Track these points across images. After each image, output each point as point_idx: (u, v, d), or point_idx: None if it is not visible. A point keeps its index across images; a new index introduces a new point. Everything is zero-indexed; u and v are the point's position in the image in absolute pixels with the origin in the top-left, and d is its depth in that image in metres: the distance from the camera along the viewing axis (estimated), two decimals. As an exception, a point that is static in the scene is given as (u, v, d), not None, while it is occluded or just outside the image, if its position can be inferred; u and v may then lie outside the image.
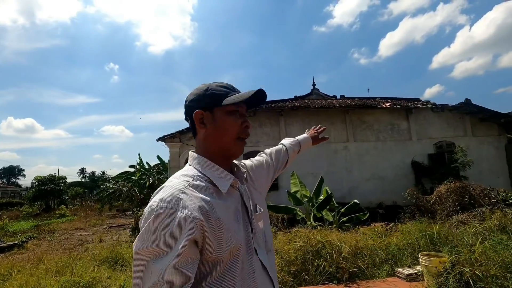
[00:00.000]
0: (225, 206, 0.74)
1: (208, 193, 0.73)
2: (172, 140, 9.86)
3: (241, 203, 0.81)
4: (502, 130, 10.86)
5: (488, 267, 2.64)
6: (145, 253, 0.63)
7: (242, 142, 0.84)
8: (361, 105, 10.47)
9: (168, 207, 0.66)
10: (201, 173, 0.79)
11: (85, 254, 5.57)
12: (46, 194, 19.09)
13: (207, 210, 0.69)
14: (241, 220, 0.77)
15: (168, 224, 0.64)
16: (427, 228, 3.96)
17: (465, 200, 6.96)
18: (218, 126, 0.82)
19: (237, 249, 0.71)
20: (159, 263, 0.61)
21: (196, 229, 0.65)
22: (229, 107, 0.82)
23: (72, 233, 10.75)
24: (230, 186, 0.79)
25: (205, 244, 0.67)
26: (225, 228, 0.69)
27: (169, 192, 0.69)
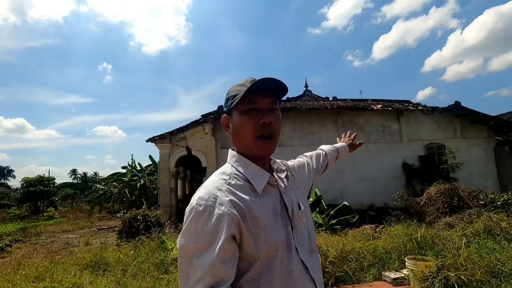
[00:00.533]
0: (262, 204, 0.74)
1: (244, 192, 0.74)
2: (162, 141, 9.72)
3: (280, 200, 0.80)
4: (491, 132, 10.99)
5: (473, 271, 2.61)
6: (188, 249, 0.67)
7: (264, 141, 0.78)
8: (353, 106, 10.49)
9: (206, 205, 0.68)
10: (238, 171, 0.79)
11: (68, 258, 5.41)
12: (34, 196, 18.70)
13: (243, 208, 0.70)
14: (280, 218, 0.76)
15: (207, 221, 0.67)
16: (413, 231, 3.93)
17: (454, 202, 6.99)
18: (235, 128, 0.81)
19: (275, 247, 0.70)
20: (202, 258, 0.64)
21: (233, 225, 0.66)
22: (242, 107, 0.79)
23: (59, 236, 10.50)
24: (268, 184, 0.79)
25: (242, 241, 0.68)
26: (261, 226, 0.70)
27: (207, 190, 0.72)
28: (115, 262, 4.81)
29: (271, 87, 0.79)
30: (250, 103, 0.78)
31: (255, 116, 0.78)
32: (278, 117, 0.82)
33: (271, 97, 0.80)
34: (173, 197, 9.86)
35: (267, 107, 0.79)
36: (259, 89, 0.77)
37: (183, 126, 9.72)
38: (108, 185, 17.65)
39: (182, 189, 13.93)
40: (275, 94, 0.81)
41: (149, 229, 6.31)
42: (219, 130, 10.05)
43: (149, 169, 17.70)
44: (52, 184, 20.26)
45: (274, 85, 0.79)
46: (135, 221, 6.79)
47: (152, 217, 6.84)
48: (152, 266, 4.46)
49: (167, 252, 5.04)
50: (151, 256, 4.83)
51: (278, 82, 0.79)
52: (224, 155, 9.93)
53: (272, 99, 0.80)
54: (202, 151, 9.72)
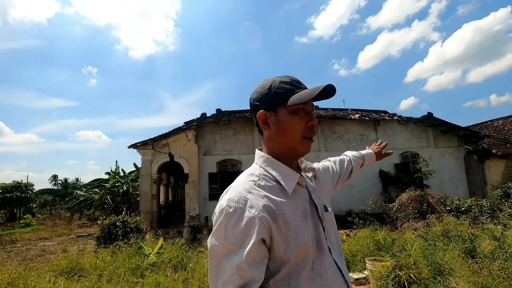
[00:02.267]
0: (292, 205, 0.74)
1: (274, 193, 0.74)
2: (144, 147, 9.76)
3: (310, 201, 0.80)
4: (461, 142, 11.64)
5: (420, 270, 2.87)
6: (218, 250, 0.68)
7: (309, 141, 0.81)
8: (332, 116, 10.88)
9: (237, 207, 0.69)
10: (267, 172, 0.79)
11: (43, 265, 5.37)
12: (10, 202, 18.05)
13: (274, 210, 0.70)
14: (310, 219, 0.76)
15: (237, 223, 0.67)
16: (375, 235, 4.21)
17: (423, 208, 7.39)
18: (282, 126, 0.80)
19: (306, 248, 0.71)
20: (232, 260, 0.65)
21: (264, 229, 0.66)
22: (293, 106, 0.79)
23: (36, 244, 10.24)
24: (297, 184, 0.79)
25: (272, 243, 0.68)
26: (292, 228, 0.70)
27: (237, 192, 0.72)
28: (91, 268, 4.83)
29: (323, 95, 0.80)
30: (301, 104, 0.79)
31: (304, 117, 0.79)
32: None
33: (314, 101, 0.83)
34: (155, 203, 9.86)
35: (311, 110, 0.83)
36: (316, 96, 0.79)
37: (166, 133, 9.80)
38: (89, 192, 17.30)
39: (165, 195, 13.89)
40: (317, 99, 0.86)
41: (128, 235, 6.34)
42: (202, 137, 10.19)
43: (133, 175, 17.51)
44: (30, 191, 19.61)
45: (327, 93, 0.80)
46: (114, 227, 6.78)
47: (131, 223, 6.86)
48: (128, 271, 4.52)
49: (144, 257, 5.11)
50: (128, 262, 4.89)
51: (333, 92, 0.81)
52: (206, 162, 10.06)
53: (314, 103, 0.84)
54: (185, 158, 9.81)
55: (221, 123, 10.20)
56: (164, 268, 4.52)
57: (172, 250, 5.38)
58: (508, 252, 2.74)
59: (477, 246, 2.93)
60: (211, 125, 10.24)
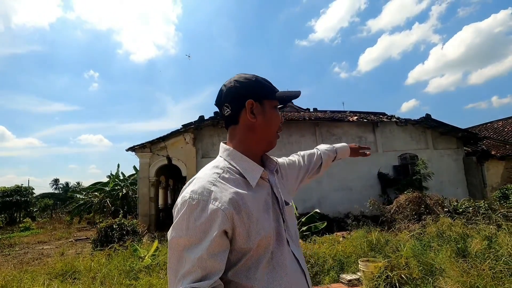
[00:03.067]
0: (255, 197, 0.75)
1: (238, 185, 0.75)
2: (142, 150, 9.78)
3: (271, 194, 0.82)
4: (460, 144, 11.60)
5: (411, 270, 2.86)
6: (179, 242, 0.67)
7: (278, 137, 0.89)
8: (330, 118, 10.89)
9: (200, 199, 0.68)
10: (231, 165, 0.79)
11: (38, 268, 5.37)
12: (10, 206, 18.09)
13: (237, 202, 0.70)
14: (271, 211, 0.78)
15: (200, 215, 0.67)
16: (369, 236, 4.19)
17: (421, 209, 7.36)
18: (268, 118, 0.83)
19: (267, 239, 0.72)
20: (192, 252, 0.64)
21: (227, 221, 0.67)
22: (275, 102, 0.87)
23: (34, 247, 10.24)
24: (260, 177, 0.80)
25: (234, 235, 0.69)
26: (254, 219, 0.71)
27: (200, 184, 0.72)
28: (86, 270, 4.83)
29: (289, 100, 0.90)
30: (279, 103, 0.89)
31: (279, 115, 0.88)
32: None
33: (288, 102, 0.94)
34: (152, 206, 9.85)
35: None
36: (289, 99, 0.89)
37: (164, 136, 9.83)
38: (89, 195, 17.33)
39: (163, 198, 13.88)
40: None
41: (124, 238, 6.33)
42: (200, 139, 10.21)
43: (132, 179, 17.54)
44: (30, 194, 19.65)
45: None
46: (111, 230, 6.79)
47: (128, 226, 6.86)
48: (122, 273, 4.52)
49: (139, 260, 5.10)
50: (123, 264, 4.89)
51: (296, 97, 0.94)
52: (204, 164, 10.01)
53: None
54: (183, 161, 9.83)
55: (219, 126, 10.22)
56: (158, 271, 4.51)
57: (167, 252, 5.36)
58: (499, 252, 2.73)
59: (468, 246, 2.92)
60: (209, 128, 10.27)
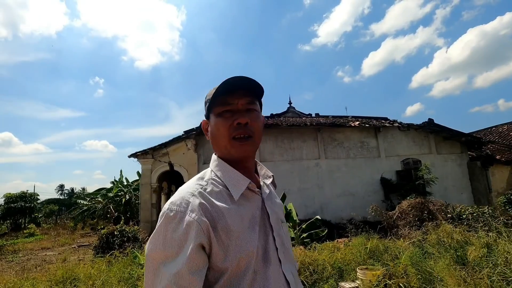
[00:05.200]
0: (238, 211, 0.69)
1: (220, 198, 0.70)
2: (144, 156, 9.85)
3: (262, 208, 0.75)
4: (464, 148, 11.48)
5: (410, 278, 2.82)
6: (156, 256, 0.64)
7: (239, 142, 0.74)
8: (331, 123, 10.87)
9: (178, 210, 0.65)
10: (217, 176, 0.75)
11: (39, 275, 5.40)
12: (15, 212, 18.27)
13: (214, 216, 0.66)
14: (257, 228, 0.71)
15: (177, 227, 0.64)
16: (367, 243, 4.15)
17: (424, 216, 7.27)
18: (212, 131, 0.78)
19: (247, 259, 0.66)
20: (169, 267, 0.61)
21: (202, 234, 0.63)
22: (217, 109, 0.76)
23: (37, 253, 10.31)
24: (248, 190, 0.74)
25: (211, 252, 0.64)
26: (234, 236, 0.66)
27: (180, 196, 0.69)
28: (85, 277, 4.84)
29: (247, 87, 0.75)
30: (225, 105, 0.75)
31: (230, 117, 0.74)
32: (257, 118, 0.77)
33: (248, 97, 0.76)
34: (154, 213, 9.88)
35: (244, 108, 0.76)
36: (234, 90, 0.74)
37: (165, 142, 9.90)
38: (93, 201, 17.44)
39: (166, 204, 13.90)
40: (253, 94, 0.77)
41: (125, 245, 6.35)
42: (202, 145, 10.26)
43: (135, 184, 17.64)
44: (35, 200, 19.84)
45: (248, 84, 0.75)
46: (112, 236, 6.81)
47: (129, 232, 6.88)
48: (122, 280, 4.52)
49: (139, 267, 5.10)
50: (123, 271, 4.89)
51: (249, 81, 0.74)
52: (206, 170, 10.09)
53: (249, 99, 0.76)
54: (184, 167, 9.87)
55: (221, 132, 10.25)
56: (157, 278, 4.50)
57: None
58: (499, 260, 2.68)
59: (467, 254, 2.88)
60: (211, 134, 10.30)
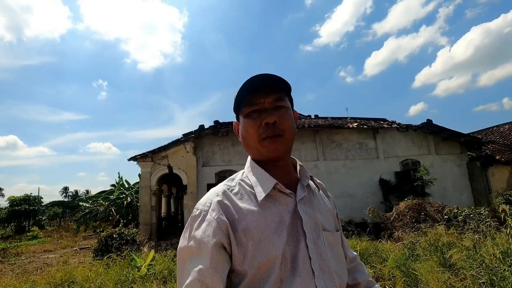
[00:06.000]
0: (262, 213, 0.67)
1: (246, 200, 0.70)
2: (144, 159, 9.95)
3: (293, 211, 0.70)
4: (463, 149, 11.44)
5: (396, 281, 2.86)
6: (183, 252, 0.67)
7: (270, 141, 0.71)
8: (329, 125, 10.90)
9: (202, 209, 0.68)
10: (247, 177, 0.75)
11: (39, 277, 5.50)
12: (19, 215, 18.47)
13: (235, 216, 0.66)
14: (285, 233, 0.66)
15: (199, 225, 0.66)
16: (356, 245, 4.19)
17: (421, 217, 7.28)
18: (242, 133, 0.77)
19: (269, 264, 0.63)
20: (193, 264, 0.63)
21: (221, 232, 0.64)
22: (245, 110, 0.74)
23: (40, 256, 10.43)
24: (278, 191, 0.71)
25: (232, 252, 0.64)
26: (254, 239, 0.64)
27: (207, 196, 0.72)
28: (83, 280, 4.93)
29: (272, 84, 0.72)
30: (251, 105, 0.73)
31: (257, 117, 0.72)
32: (286, 115, 0.74)
33: (275, 94, 0.73)
34: (154, 215, 9.97)
35: (271, 106, 0.73)
36: (258, 88, 0.72)
37: (165, 145, 10.00)
38: (95, 204, 17.61)
39: (166, 207, 14.01)
40: (280, 91, 0.74)
41: (122, 248, 6.43)
42: (200, 148, 10.34)
43: (137, 187, 17.78)
44: (39, 203, 20.05)
45: (273, 81, 0.72)
46: (111, 239, 6.90)
47: (128, 235, 6.97)
48: (119, 283, 4.60)
49: (135, 270, 5.18)
50: (119, 274, 4.97)
51: (274, 78, 0.72)
52: (205, 173, 10.17)
53: (276, 96, 0.73)
54: (183, 169, 9.95)
55: (219, 134, 10.34)
56: (152, 281, 4.57)
57: (164, 262, 5.44)
58: (485, 261, 2.71)
59: (453, 256, 2.90)
60: (210, 137, 10.39)
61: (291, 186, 0.74)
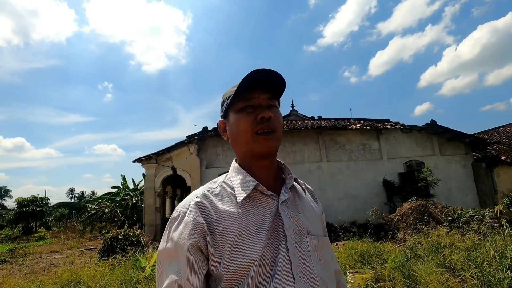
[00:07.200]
0: (242, 216, 0.66)
1: (226, 202, 0.69)
2: (148, 161, 10.07)
3: (274, 213, 0.68)
4: (468, 149, 11.35)
5: (396, 282, 2.89)
6: (162, 254, 0.67)
7: (263, 136, 0.70)
8: (332, 126, 10.91)
9: (180, 211, 0.68)
10: (229, 179, 0.75)
11: (46, 278, 5.61)
12: (27, 216, 18.77)
13: (212, 218, 0.65)
14: (264, 235, 0.64)
15: (177, 227, 0.66)
16: (357, 246, 4.21)
17: (424, 218, 7.25)
18: (231, 129, 0.75)
19: (246, 268, 0.61)
20: (171, 266, 0.64)
21: (197, 234, 0.63)
22: (238, 105, 0.73)
23: (46, 257, 10.60)
24: (259, 193, 0.69)
25: (208, 255, 0.64)
26: (232, 242, 0.63)
27: (188, 198, 0.71)
28: (89, 280, 5.02)
29: (267, 83, 0.72)
30: (246, 100, 0.72)
31: (252, 112, 0.72)
32: (278, 115, 0.75)
33: (269, 93, 0.74)
34: (158, 217, 10.07)
35: (266, 103, 0.73)
36: (254, 86, 0.71)
37: (169, 147, 10.11)
38: (100, 205, 17.81)
39: (171, 208, 14.12)
40: (273, 91, 0.75)
41: (127, 248, 6.52)
42: (204, 150, 10.42)
43: (141, 188, 17.94)
44: (46, 204, 20.35)
45: (271, 79, 0.72)
46: (116, 240, 7.00)
47: (132, 236, 7.06)
48: (124, 283, 4.68)
49: (140, 270, 5.25)
50: (124, 274, 5.05)
51: (274, 74, 0.71)
52: (208, 174, 10.24)
53: (270, 95, 0.74)
54: (187, 171, 10.04)
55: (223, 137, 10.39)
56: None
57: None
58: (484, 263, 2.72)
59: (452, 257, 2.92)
60: (213, 138, 10.47)
61: (275, 188, 0.73)
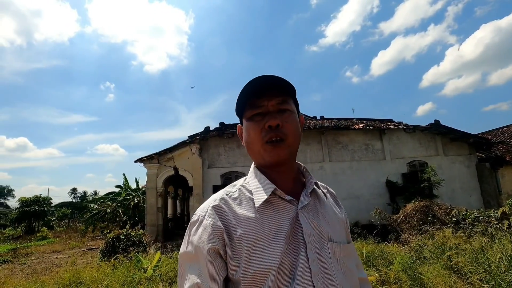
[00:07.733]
0: (259, 220, 0.65)
1: (243, 205, 0.68)
2: (150, 161, 10.05)
3: (294, 219, 0.67)
4: (472, 150, 11.25)
5: (401, 284, 2.83)
6: (182, 257, 0.68)
7: (272, 145, 0.68)
8: (335, 126, 10.84)
9: (199, 215, 0.68)
10: (248, 183, 0.74)
11: (48, 278, 5.60)
12: (29, 216, 18.82)
13: (230, 222, 0.65)
14: (283, 241, 0.63)
15: (196, 231, 0.67)
16: (361, 248, 4.15)
17: (429, 219, 7.18)
18: (245, 136, 0.74)
19: (264, 274, 0.60)
20: (192, 269, 0.64)
21: (216, 238, 0.63)
22: (248, 113, 0.72)
23: (49, 257, 10.61)
24: (278, 197, 0.68)
25: (227, 260, 0.63)
26: (250, 247, 0.62)
27: (207, 201, 0.72)
28: (90, 281, 5.00)
29: (276, 86, 0.70)
30: (254, 108, 0.70)
31: (261, 120, 0.70)
32: (290, 118, 0.71)
33: (279, 97, 0.70)
34: (160, 217, 10.05)
35: (275, 109, 0.70)
36: (262, 91, 0.69)
37: (171, 147, 10.08)
38: (102, 205, 17.82)
39: (173, 208, 14.10)
40: (284, 93, 0.71)
41: (130, 249, 6.50)
42: (206, 150, 10.39)
43: (143, 188, 17.94)
44: (48, 204, 20.39)
45: (278, 83, 0.69)
46: (118, 240, 6.98)
47: (134, 236, 7.04)
48: (125, 284, 4.65)
49: (142, 271, 5.23)
50: (126, 275, 5.02)
51: (278, 80, 0.69)
52: (210, 174, 10.21)
53: (280, 99, 0.70)
54: (189, 171, 10.01)
55: (225, 136, 10.37)
56: (158, 282, 4.61)
57: (170, 263, 5.47)
58: (492, 266, 2.66)
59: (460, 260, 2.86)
60: (215, 138, 10.44)
61: (295, 192, 0.71)
